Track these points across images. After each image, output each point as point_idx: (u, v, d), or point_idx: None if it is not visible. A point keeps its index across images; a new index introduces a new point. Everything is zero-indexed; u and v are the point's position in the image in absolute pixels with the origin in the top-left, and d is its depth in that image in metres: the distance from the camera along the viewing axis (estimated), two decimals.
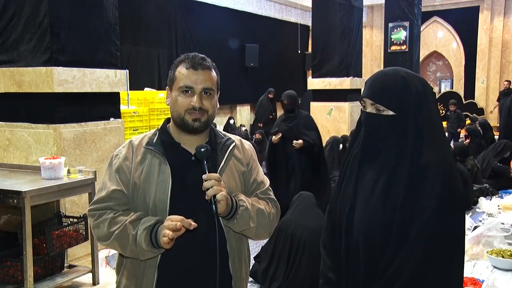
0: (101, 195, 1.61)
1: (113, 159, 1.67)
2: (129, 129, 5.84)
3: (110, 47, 4.02)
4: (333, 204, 1.57)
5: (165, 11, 10.54)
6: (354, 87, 8.90)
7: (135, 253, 1.54)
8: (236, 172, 1.68)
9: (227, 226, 1.60)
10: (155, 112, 6.80)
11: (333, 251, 1.54)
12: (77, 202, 3.72)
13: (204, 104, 1.59)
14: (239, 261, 1.67)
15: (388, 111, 1.41)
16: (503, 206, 5.50)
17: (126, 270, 1.64)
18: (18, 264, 2.97)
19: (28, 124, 3.70)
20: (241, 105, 13.43)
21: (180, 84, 1.59)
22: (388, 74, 1.45)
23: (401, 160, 1.38)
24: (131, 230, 1.52)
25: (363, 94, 1.46)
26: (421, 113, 1.40)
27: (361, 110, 1.49)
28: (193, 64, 1.59)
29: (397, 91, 1.40)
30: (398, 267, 1.34)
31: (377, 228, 1.39)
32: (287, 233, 3.54)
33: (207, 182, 1.49)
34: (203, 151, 1.54)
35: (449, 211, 1.35)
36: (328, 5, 8.72)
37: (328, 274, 1.54)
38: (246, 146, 1.78)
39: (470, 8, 14.35)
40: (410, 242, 1.34)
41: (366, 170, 1.46)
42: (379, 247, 1.39)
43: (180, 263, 1.58)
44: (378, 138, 1.44)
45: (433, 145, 1.38)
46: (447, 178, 1.36)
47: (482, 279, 3.32)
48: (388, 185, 1.39)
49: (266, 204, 1.70)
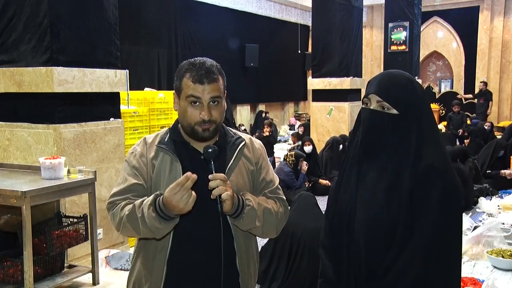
0: (121, 188, 1.66)
1: (130, 157, 1.71)
2: (129, 129, 5.82)
3: (110, 47, 4.02)
4: (332, 204, 1.58)
5: (165, 11, 10.54)
6: (354, 87, 8.90)
7: (148, 234, 1.57)
8: (245, 171, 1.70)
9: (233, 224, 1.63)
10: (155, 112, 6.78)
11: (333, 251, 1.54)
12: (77, 202, 3.72)
13: (213, 114, 1.62)
14: (247, 258, 1.70)
15: (392, 109, 1.43)
16: (503, 206, 5.50)
17: (139, 262, 1.70)
18: (18, 264, 2.97)
19: (28, 124, 3.70)
20: (241, 105, 13.44)
21: (188, 94, 1.60)
22: (395, 75, 1.48)
23: (404, 160, 1.40)
24: (138, 213, 1.55)
25: (369, 90, 1.47)
26: (423, 115, 1.43)
27: (363, 108, 1.49)
28: (200, 79, 1.59)
29: (403, 92, 1.44)
30: (402, 267, 1.36)
31: (380, 227, 1.40)
32: (287, 233, 3.54)
33: (213, 182, 1.51)
34: (210, 152, 1.57)
35: (451, 211, 1.38)
36: (328, 5, 8.72)
37: (327, 274, 1.54)
38: (256, 145, 1.80)
39: (470, 8, 14.34)
40: (414, 241, 1.36)
41: (367, 170, 1.47)
42: (382, 246, 1.40)
43: (188, 259, 1.63)
44: (379, 136, 1.44)
45: (433, 147, 1.41)
46: (448, 178, 1.38)
47: (482, 279, 3.32)
48: (391, 184, 1.40)
49: (274, 203, 1.72)
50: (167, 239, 1.61)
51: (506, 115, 14.16)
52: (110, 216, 1.66)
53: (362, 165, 1.48)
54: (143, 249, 1.68)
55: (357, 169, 1.49)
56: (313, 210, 3.68)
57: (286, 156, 6.70)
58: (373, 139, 1.46)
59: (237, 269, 1.65)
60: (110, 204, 1.66)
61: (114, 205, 1.64)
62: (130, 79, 5.26)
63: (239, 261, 1.66)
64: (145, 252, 1.67)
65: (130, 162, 1.69)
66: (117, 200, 1.64)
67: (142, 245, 1.69)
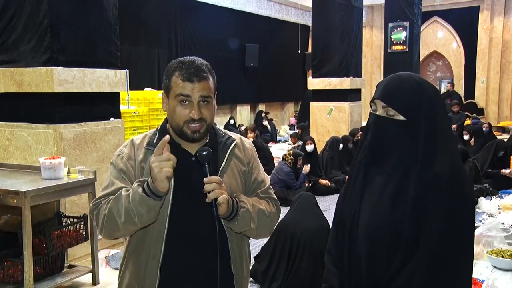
0: (107, 191, 1.60)
1: (116, 159, 1.64)
2: (129, 129, 5.84)
3: (110, 47, 4.02)
4: (338, 210, 1.54)
5: (165, 11, 10.54)
6: (354, 87, 8.90)
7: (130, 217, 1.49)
8: (237, 172, 1.67)
9: (228, 227, 1.60)
10: (155, 112, 6.80)
11: (337, 258, 1.51)
12: (77, 202, 3.72)
13: (203, 113, 1.57)
14: (241, 260, 1.67)
15: (399, 115, 1.37)
16: (503, 206, 5.50)
17: (128, 271, 1.63)
18: (18, 264, 2.98)
19: (28, 124, 3.70)
20: (241, 105, 13.44)
21: (177, 93, 1.56)
22: (403, 78, 1.42)
23: (412, 167, 1.35)
24: (124, 193, 1.51)
25: (375, 95, 1.43)
26: (433, 119, 1.36)
27: (370, 112, 1.45)
28: (189, 77, 1.55)
29: (410, 97, 1.37)
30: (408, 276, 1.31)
31: (383, 233, 1.36)
32: (287, 233, 3.54)
33: (208, 185, 1.49)
34: (205, 155, 1.52)
35: (460, 220, 1.32)
36: (328, 5, 8.72)
37: (331, 280, 1.51)
38: (247, 144, 1.76)
39: (470, 8, 14.33)
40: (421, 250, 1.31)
41: (374, 175, 1.43)
42: (384, 253, 1.36)
43: (182, 264, 1.58)
44: (386, 142, 1.40)
45: (445, 152, 1.35)
46: (457, 186, 1.33)
47: (482, 279, 3.32)
48: (397, 191, 1.36)
49: (266, 203, 1.70)
50: (160, 244, 1.56)
51: (506, 115, 14.15)
52: (94, 218, 1.60)
53: (369, 170, 1.44)
54: (133, 256, 1.62)
55: (364, 174, 1.45)
56: (313, 210, 3.67)
57: (284, 156, 6.70)
58: (380, 145, 1.42)
59: (232, 271, 1.63)
60: (94, 206, 1.60)
61: (97, 206, 1.58)
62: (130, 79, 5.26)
63: (234, 264, 1.63)
64: (136, 259, 1.61)
65: (117, 165, 1.62)
66: (102, 201, 1.58)
67: (133, 252, 1.62)
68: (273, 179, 6.37)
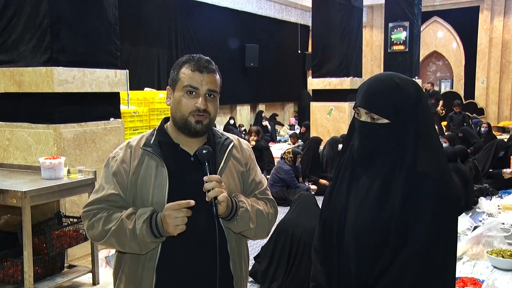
0: (97, 197, 1.60)
1: (110, 161, 1.64)
2: (129, 129, 5.84)
3: (110, 47, 4.02)
4: (324, 208, 1.55)
5: (165, 11, 10.55)
6: (354, 87, 8.89)
7: (134, 248, 1.52)
8: (235, 173, 1.67)
9: (227, 227, 1.60)
10: (155, 112, 6.80)
11: (324, 255, 1.52)
12: (77, 202, 3.72)
13: (209, 106, 1.57)
14: (239, 260, 1.67)
15: (382, 119, 1.38)
16: (503, 206, 5.51)
17: (124, 274, 1.63)
18: (18, 264, 2.97)
19: (28, 124, 3.70)
20: (241, 105, 13.44)
21: (185, 84, 1.56)
22: (382, 81, 1.41)
23: (397, 167, 1.36)
24: (127, 225, 1.51)
25: (356, 103, 1.43)
26: (417, 119, 1.37)
27: (354, 117, 1.46)
28: (199, 67, 1.57)
29: (391, 99, 1.37)
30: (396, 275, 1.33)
31: (370, 232, 1.37)
32: (287, 233, 3.54)
33: (208, 183, 1.48)
34: (205, 153, 1.53)
35: (445, 219, 1.34)
36: (328, 5, 8.73)
37: (318, 278, 1.52)
38: (244, 145, 1.77)
39: (470, 8, 14.34)
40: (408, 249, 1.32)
41: (360, 175, 1.44)
42: (372, 252, 1.37)
43: (179, 265, 1.57)
44: (374, 147, 1.41)
45: (429, 151, 1.36)
46: (442, 185, 1.34)
47: (482, 279, 3.32)
48: (383, 191, 1.37)
49: (264, 204, 1.70)
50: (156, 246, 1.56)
51: (506, 115, 14.16)
52: (87, 226, 1.60)
53: (356, 169, 1.45)
54: (128, 259, 1.61)
55: (350, 173, 1.46)
56: (313, 210, 3.67)
57: (283, 154, 6.71)
58: (368, 150, 1.42)
59: (231, 272, 1.62)
60: (86, 213, 1.60)
61: (91, 215, 1.58)
62: (130, 79, 5.26)
63: (233, 264, 1.63)
64: (131, 262, 1.60)
65: (110, 167, 1.61)
66: (93, 209, 1.59)
67: (128, 255, 1.61)
68: (272, 179, 6.38)
